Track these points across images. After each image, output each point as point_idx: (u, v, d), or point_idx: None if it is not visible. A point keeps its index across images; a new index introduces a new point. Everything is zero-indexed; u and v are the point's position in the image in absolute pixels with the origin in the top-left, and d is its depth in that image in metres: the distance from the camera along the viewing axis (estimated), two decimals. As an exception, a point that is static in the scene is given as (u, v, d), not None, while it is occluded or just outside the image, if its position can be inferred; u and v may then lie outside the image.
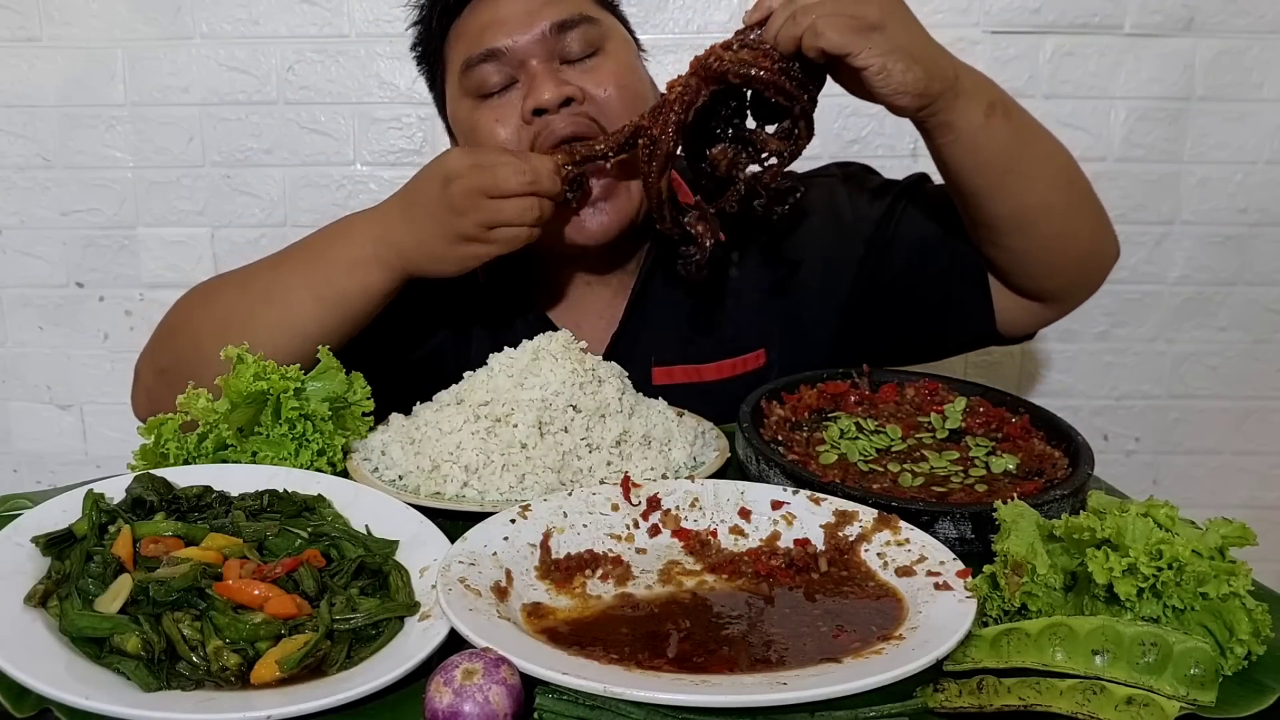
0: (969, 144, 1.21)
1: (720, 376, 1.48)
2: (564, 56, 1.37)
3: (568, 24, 1.36)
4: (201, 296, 1.41)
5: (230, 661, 0.78)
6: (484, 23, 1.38)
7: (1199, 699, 0.74)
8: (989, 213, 1.27)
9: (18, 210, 2.24)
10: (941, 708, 0.75)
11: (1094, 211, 1.34)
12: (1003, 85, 1.27)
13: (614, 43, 1.40)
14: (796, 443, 1.18)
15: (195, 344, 1.33)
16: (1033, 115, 1.30)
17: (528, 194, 1.22)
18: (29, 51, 2.16)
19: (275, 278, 1.35)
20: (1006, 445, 1.17)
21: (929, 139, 1.24)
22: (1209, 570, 0.79)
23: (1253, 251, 2.25)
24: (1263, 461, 2.37)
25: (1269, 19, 2.13)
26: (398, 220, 1.29)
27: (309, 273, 1.32)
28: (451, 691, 0.71)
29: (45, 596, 0.84)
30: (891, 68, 1.11)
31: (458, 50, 1.41)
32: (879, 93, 1.14)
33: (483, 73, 1.37)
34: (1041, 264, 1.32)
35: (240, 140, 2.21)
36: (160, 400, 1.34)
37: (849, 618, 0.87)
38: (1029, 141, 1.26)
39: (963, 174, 1.25)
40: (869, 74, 1.12)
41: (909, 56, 1.12)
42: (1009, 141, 1.22)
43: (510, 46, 1.35)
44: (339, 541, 0.96)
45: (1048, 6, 2.12)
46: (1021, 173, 1.24)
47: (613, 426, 1.14)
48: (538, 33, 1.35)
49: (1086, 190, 1.33)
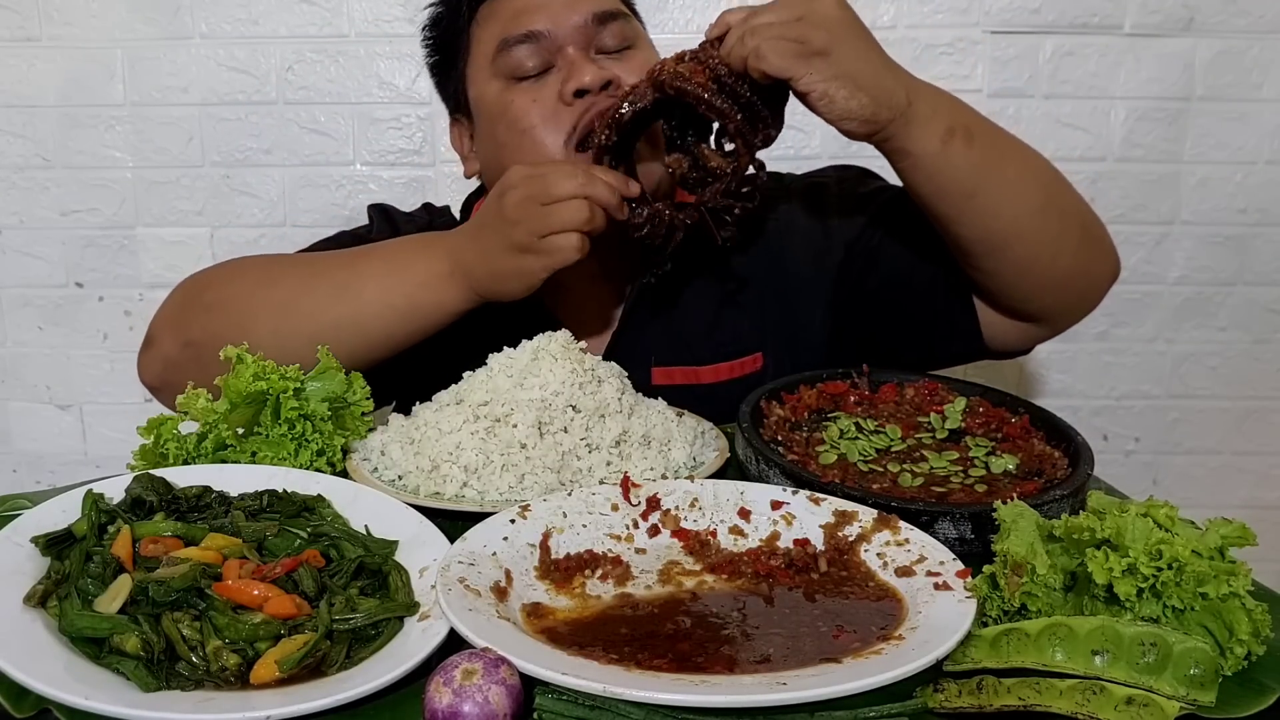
0: (926, 170, 1.20)
1: (718, 379, 1.48)
2: (599, 47, 1.38)
3: (607, 16, 1.38)
4: (256, 275, 1.37)
5: (230, 662, 0.78)
6: (521, 5, 1.38)
7: (1199, 699, 0.74)
8: (956, 235, 1.27)
9: (17, 210, 2.24)
10: (941, 708, 0.75)
11: (1079, 232, 1.30)
12: (1002, 85, 1.27)
13: (643, 41, 1.44)
14: (796, 443, 1.18)
15: (244, 323, 1.29)
16: (1010, 135, 1.29)
17: (578, 197, 1.20)
18: (28, 51, 2.16)
19: (349, 277, 1.32)
20: (1006, 445, 1.17)
21: (890, 162, 1.24)
22: (1209, 570, 0.79)
23: (1253, 251, 2.25)
24: (1262, 461, 2.38)
25: (1269, 19, 2.13)
26: (468, 238, 1.29)
27: (386, 278, 1.30)
28: (451, 691, 0.71)
29: (45, 597, 0.84)
30: (834, 94, 1.12)
31: (490, 30, 1.41)
32: (824, 118, 1.15)
33: (519, 54, 1.37)
34: (1017, 286, 1.31)
35: (240, 140, 2.21)
36: (183, 371, 1.29)
37: (849, 618, 0.87)
38: (995, 166, 1.24)
39: (924, 198, 1.25)
40: (811, 99, 1.13)
41: (853, 84, 1.12)
42: (970, 168, 1.21)
43: (550, 30, 1.36)
44: (338, 542, 0.96)
45: (1048, 6, 2.12)
46: (986, 198, 1.22)
47: (612, 427, 1.14)
48: (579, 21, 1.36)
49: (1070, 210, 1.30)
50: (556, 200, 1.20)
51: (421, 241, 1.35)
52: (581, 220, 1.20)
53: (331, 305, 1.30)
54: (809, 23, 1.12)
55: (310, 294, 1.32)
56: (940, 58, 2.13)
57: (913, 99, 1.17)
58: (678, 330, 1.48)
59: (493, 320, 1.46)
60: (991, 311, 1.37)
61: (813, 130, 2.15)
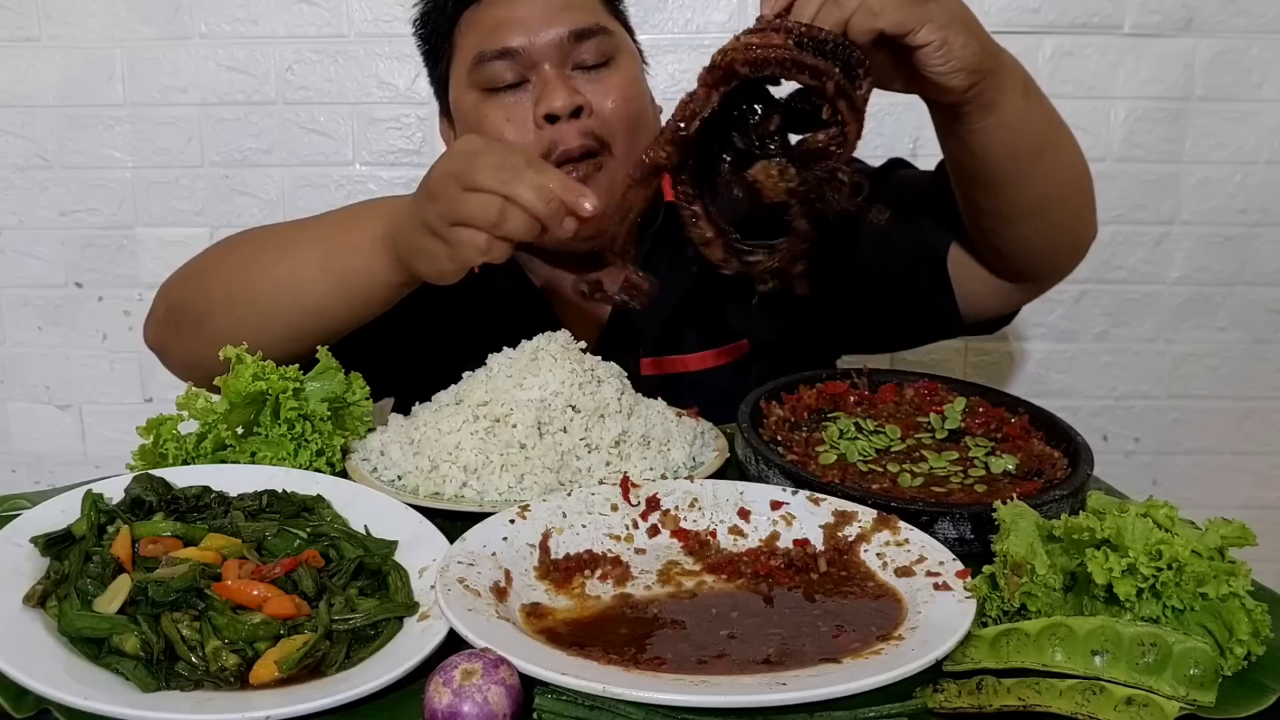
0: (1009, 126, 1.12)
1: (706, 366, 1.49)
2: (576, 63, 1.37)
3: (585, 33, 1.36)
4: (227, 243, 1.38)
5: (229, 662, 0.78)
6: (501, 18, 1.37)
7: (1198, 699, 0.73)
8: (1006, 201, 1.21)
9: (16, 210, 2.24)
10: (941, 708, 0.75)
11: (1092, 193, 1.30)
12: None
13: (624, 55, 1.42)
14: (796, 443, 1.18)
15: (204, 288, 1.31)
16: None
17: (495, 194, 1.06)
18: (27, 51, 2.16)
19: (291, 239, 1.30)
20: (1006, 445, 1.17)
21: (962, 124, 1.13)
22: (1208, 570, 0.79)
23: (1252, 251, 2.25)
24: (1262, 461, 2.37)
25: (1269, 19, 2.13)
26: (406, 204, 1.17)
27: (321, 241, 1.26)
28: (450, 692, 0.71)
29: (44, 597, 0.84)
30: (952, 41, 1.00)
31: (470, 39, 1.41)
32: (936, 72, 1.02)
33: (495, 69, 1.36)
34: (1042, 250, 1.29)
35: (239, 140, 2.21)
36: (164, 334, 1.34)
37: (848, 618, 0.87)
38: (1056, 124, 1.20)
39: (993, 160, 1.16)
40: (927, 52, 1.00)
41: (967, 28, 1.02)
42: (1042, 124, 1.16)
43: (526, 47, 1.35)
44: (338, 542, 0.96)
45: (1047, 6, 2.12)
46: (1049, 158, 1.18)
47: (612, 427, 1.14)
48: (555, 38, 1.35)
49: (1087, 173, 1.29)
50: (472, 188, 1.07)
51: (364, 206, 1.32)
52: (487, 220, 1.06)
53: (270, 269, 1.27)
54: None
55: (255, 258, 1.30)
56: (940, 58, 2.12)
57: (999, 46, 1.08)
58: (667, 320, 1.49)
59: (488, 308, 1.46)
60: (979, 279, 1.36)
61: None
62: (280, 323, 1.21)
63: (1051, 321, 2.28)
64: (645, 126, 1.41)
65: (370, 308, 1.26)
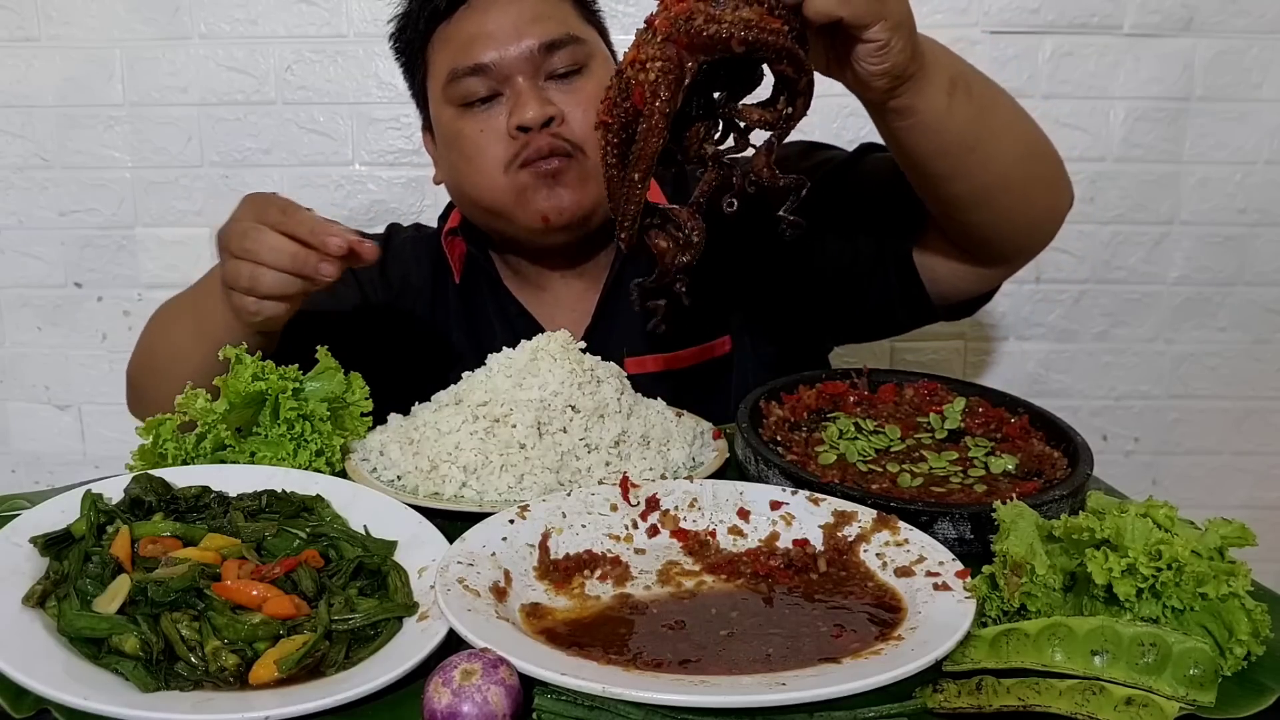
0: (929, 127, 1.11)
1: (689, 364, 1.50)
2: (548, 73, 1.39)
3: (555, 44, 1.38)
4: (149, 323, 1.46)
5: (228, 662, 0.78)
6: (471, 34, 1.39)
7: (1198, 699, 0.73)
8: (947, 193, 1.22)
9: (16, 210, 2.24)
10: (941, 708, 0.75)
11: (1052, 170, 1.27)
12: (1002, 85, 1.25)
13: (597, 61, 1.43)
14: (795, 443, 1.17)
15: (139, 366, 1.42)
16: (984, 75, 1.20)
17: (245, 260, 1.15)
18: (27, 51, 2.16)
19: (174, 313, 1.40)
20: (1006, 445, 1.17)
21: (881, 122, 1.13)
22: (1208, 571, 0.79)
23: (1252, 251, 2.25)
24: (1262, 462, 2.37)
25: (1269, 19, 2.13)
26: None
27: (191, 309, 1.35)
28: (450, 692, 0.71)
29: (43, 597, 0.84)
30: (893, 45, 0.98)
31: (443, 55, 1.43)
32: (865, 70, 1.01)
33: (468, 85, 1.39)
34: (1000, 234, 1.28)
35: (238, 140, 2.20)
36: (135, 409, 1.44)
37: (848, 618, 0.87)
38: (990, 114, 1.17)
39: (921, 158, 1.17)
40: (869, 49, 0.99)
41: (909, 33, 1.00)
42: (970, 120, 1.13)
43: (497, 61, 1.37)
44: (337, 542, 0.96)
45: (1047, 6, 2.12)
46: (982, 150, 1.16)
47: (611, 427, 1.14)
48: (525, 51, 1.37)
49: (1044, 150, 1.26)
50: (230, 255, 1.17)
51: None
52: (244, 284, 1.16)
53: (164, 342, 1.38)
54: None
55: (159, 334, 1.40)
56: (939, 58, 2.12)
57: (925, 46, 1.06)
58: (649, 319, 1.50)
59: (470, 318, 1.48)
60: (949, 264, 1.35)
61: (811, 130, 2.14)
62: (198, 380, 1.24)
63: (1051, 321, 2.28)
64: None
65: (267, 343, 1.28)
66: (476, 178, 1.41)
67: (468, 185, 1.44)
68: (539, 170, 1.37)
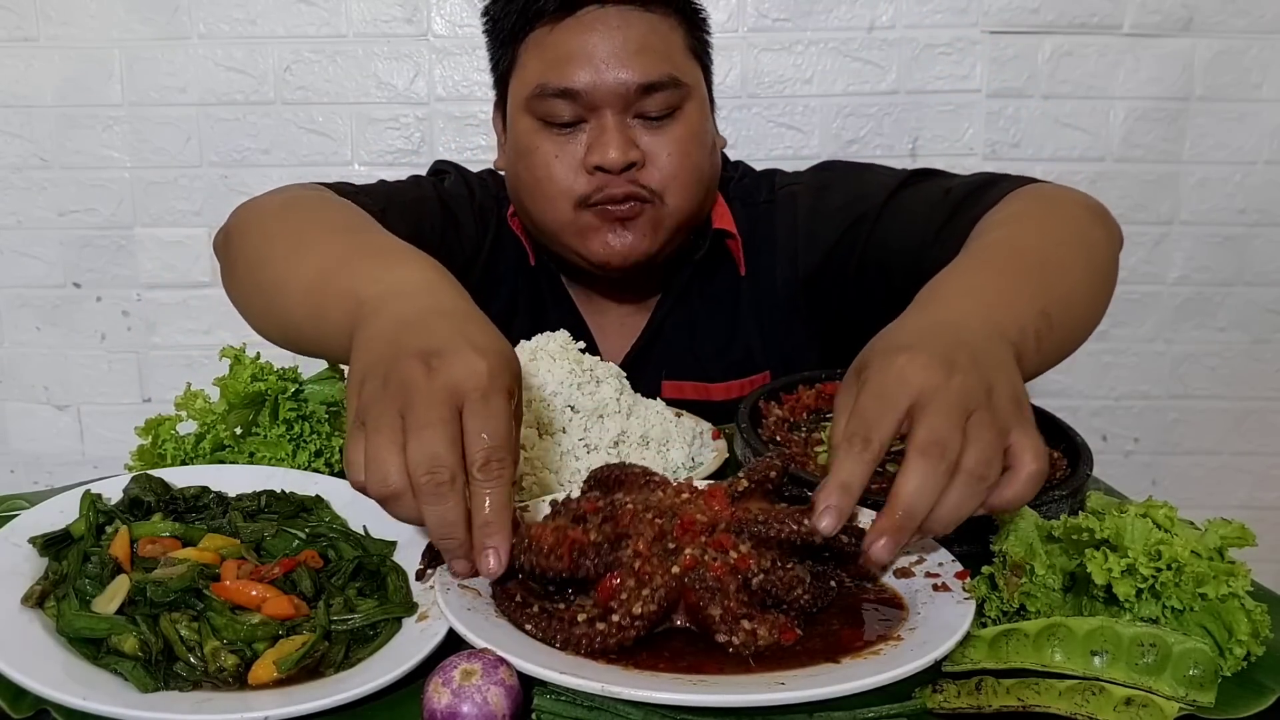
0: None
1: (728, 396, 1.49)
2: (639, 113, 1.34)
3: (653, 87, 1.32)
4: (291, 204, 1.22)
5: (228, 662, 0.78)
6: (570, 51, 1.32)
7: (1198, 700, 0.73)
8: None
9: (15, 210, 2.24)
10: (940, 708, 0.75)
11: (1114, 275, 1.18)
12: (1001, 86, 1.25)
13: (692, 104, 1.37)
14: (794, 443, 1.17)
15: (245, 233, 1.19)
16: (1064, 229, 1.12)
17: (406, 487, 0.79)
18: (26, 51, 2.16)
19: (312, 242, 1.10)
20: (1005, 445, 1.17)
21: None
22: (1208, 571, 0.79)
23: (1252, 252, 2.26)
24: (1261, 462, 2.38)
25: (1269, 19, 2.13)
26: (392, 321, 0.88)
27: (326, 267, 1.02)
28: (450, 692, 0.71)
29: (42, 597, 0.84)
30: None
31: (535, 61, 1.36)
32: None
33: (554, 105, 1.33)
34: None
35: (238, 140, 2.21)
36: (219, 252, 1.26)
37: (847, 618, 0.87)
38: (1073, 322, 1.06)
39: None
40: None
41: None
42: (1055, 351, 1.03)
43: (588, 89, 1.31)
44: (336, 542, 0.96)
45: (1046, 6, 2.12)
46: (1067, 348, 1.08)
47: (610, 427, 1.14)
48: (620, 86, 1.31)
49: (1107, 258, 1.17)
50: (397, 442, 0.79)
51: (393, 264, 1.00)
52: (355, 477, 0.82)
53: (280, 263, 1.10)
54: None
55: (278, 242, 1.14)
56: (939, 58, 2.13)
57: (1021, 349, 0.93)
58: (693, 347, 1.50)
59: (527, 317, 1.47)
60: None
61: (811, 130, 2.15)
62: (273, 319, 1.13)
63: (1051, 322, 2.28)
64: (700, 181, 1.39)
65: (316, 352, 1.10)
66: (544, 204, 1.37)
67: (531, 205, 1.39)
68: (610, 215, 1.34)
